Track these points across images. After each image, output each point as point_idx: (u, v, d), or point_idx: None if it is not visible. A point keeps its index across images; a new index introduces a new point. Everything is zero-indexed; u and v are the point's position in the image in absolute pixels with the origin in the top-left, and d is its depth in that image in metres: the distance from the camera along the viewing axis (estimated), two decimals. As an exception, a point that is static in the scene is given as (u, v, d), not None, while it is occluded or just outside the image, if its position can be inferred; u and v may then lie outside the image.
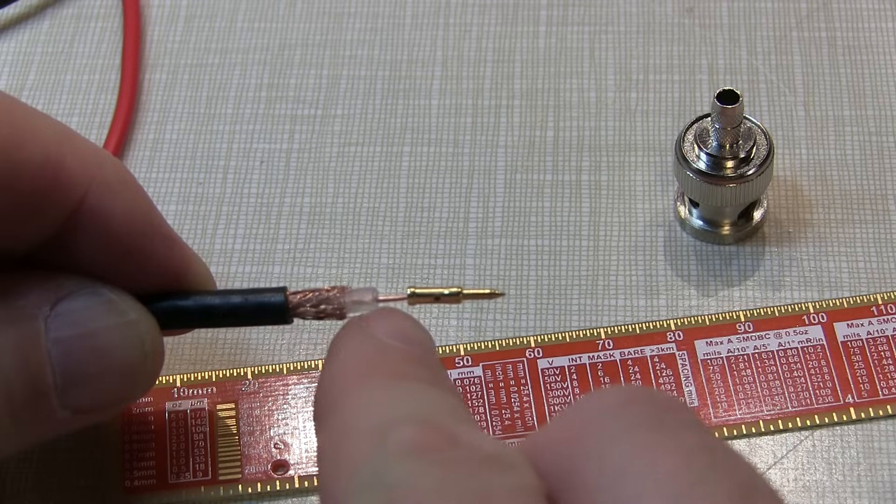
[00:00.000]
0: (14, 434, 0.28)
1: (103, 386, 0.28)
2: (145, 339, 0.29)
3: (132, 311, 0.29)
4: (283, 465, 0.33)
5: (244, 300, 0.30)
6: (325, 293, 0.29)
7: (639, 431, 0.21)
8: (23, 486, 0.33)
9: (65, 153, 0.27)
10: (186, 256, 0.30)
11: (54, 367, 0.27)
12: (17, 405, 0.27)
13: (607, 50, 0.42)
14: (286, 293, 0.29)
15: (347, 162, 0.40)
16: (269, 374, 0.34)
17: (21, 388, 0.27)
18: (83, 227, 0.28)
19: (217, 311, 0.30)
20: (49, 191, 0.27)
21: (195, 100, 0.42)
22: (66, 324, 0.27)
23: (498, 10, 0.43)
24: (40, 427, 0.28)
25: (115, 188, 0.28)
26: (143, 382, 0.30)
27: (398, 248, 0.38)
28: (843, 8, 0.42)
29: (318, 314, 0.29)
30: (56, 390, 0.27)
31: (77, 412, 0.28)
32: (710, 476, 0.20)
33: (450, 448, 0.21)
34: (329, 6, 0.44)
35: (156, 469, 0.33)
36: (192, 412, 0.34)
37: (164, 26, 0.44)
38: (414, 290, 0.29)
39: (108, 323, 0.28)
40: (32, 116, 0.27)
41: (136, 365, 0.29)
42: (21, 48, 0.43)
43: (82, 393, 0.28)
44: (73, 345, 0.28)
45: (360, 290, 0.29)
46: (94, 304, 0.28)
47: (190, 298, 0.30)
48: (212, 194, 0.39)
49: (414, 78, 0.42)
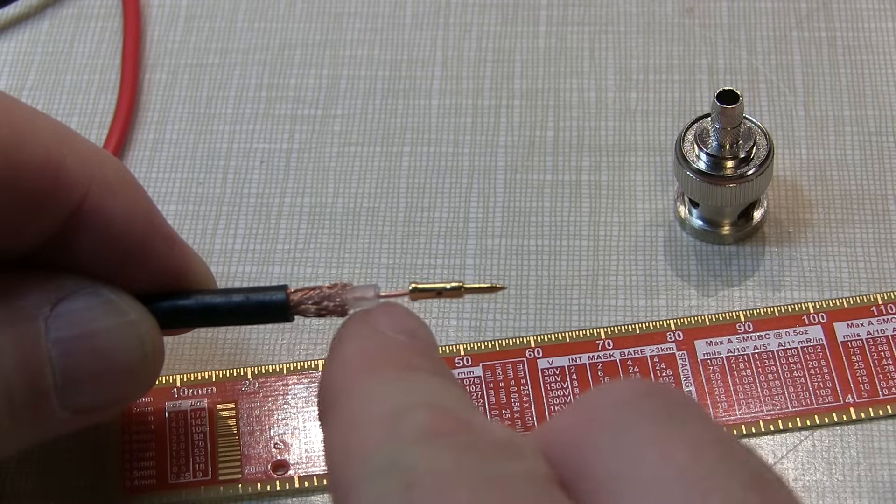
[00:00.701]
0: (14, 434, 0.28)
1: (103, 386, 0.28)
2: (145, 339, 0.29)
3: (132, 311, 0.29)
4: (283, 465, 0.33)
5: (245, 299, 0.30)
6: (326, 290, 0.29)
7: (651, 423, 0.21)
8: (23, 486, 0.33)
9: (65, 153, 0.27)
10: (187, 256, 0.30)
11: (54, 367, 0.27)
12: (16, 405, 0.27)
13: (607, 50, 0.42)
14: (287, 291, 0.29)
15: (347, 162, 0.40)
16: (269, 373, 0.34)
17: (21, 389, 0.27)
18: (84, 227, 0.28)
19: (218, 310, 0.30)
20: (50, 191, 0.27)
21: (195, 100, 0.42)
22: (67, 324, 0.27)
23: (498, 10, 0.43)
24: (40, 427, 0.28)
25: (116, 188, 0.28)
26: (143, 382, 0.30)
27: (398, 248, 0.38)
28: (843, 8, 0.42)
29: (320, 311, 0.29)
30: (56, 390, 0.27)
31: (77, 412, 0.28)
32: (722, 468, 0.20)
33: (464, 433, 0.21)
34: (329, 6, 0.44)
35: (156, 469, 0.33)
36: (192, 412, 0.34)
37: (164, 26, 0.44)
38: (416, 286, 0.29)
39: (108, 323, 0.28)
40: (33, 117, 0.27)
41: (136, 365, 0.29)
42: (21, 48, 0.43)
43: (82, 393, 0.28)
44: (74, 345, 0.28)
45: (361, 287, 0.29)
46: (94, 305, 0.28)
47: (191, 297, 0.30)
48: (212, 194, 0.39)
49: (414, 78, 0.42)
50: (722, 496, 0.19)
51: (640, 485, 0.20)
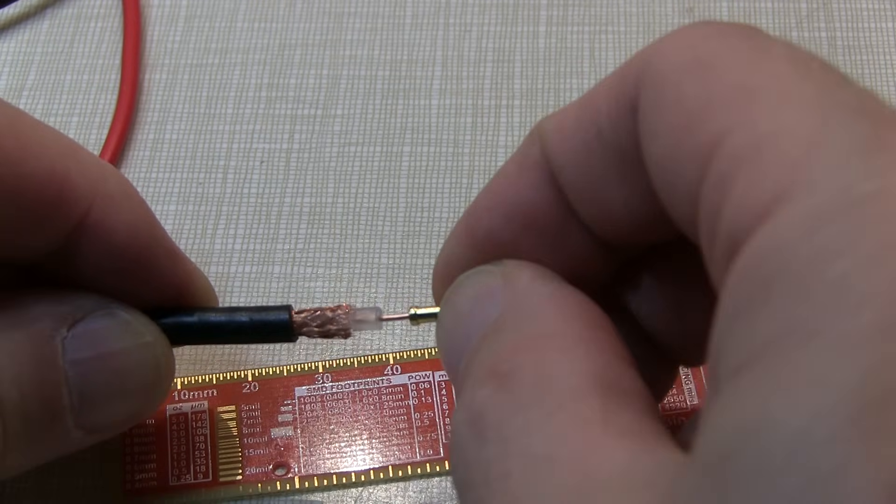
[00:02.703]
0: (28, 453, 0.28)
1: (118, 407, 0.28)
2: (160, 361, 0.29)
3: (148, 332, 0.29)
4: (284, 465, 0.33)
5: (249, 319, 0.30)
6: (329, 313, 0.29)
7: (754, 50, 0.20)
8: (23, 486, 0.33)
9: (70, 166, 0.27)
10: (188, 270, 0.30)
11: (71, 388, 0.27)
12: (32, 425, 0.27)
13: (607, 50, 0.42)
14: (291, 312, 0.29)
15: (347, 162, 0.40)
16: (269, 376, 0.34)
17: (37, 409, 0.27)
18: (88, 240, 0.28)
19: (222, 330, 0.30)
20: (55, 203, 0.27)
21: (195, 100, 0.42)
22: (84, 345, 0.28)
23: (498, 10, 0.43)
24: (53, 446, 0.28)
25: (119, 201, 0.28)
26: (156, 402, 0.30)
27: (398, 248, 0.38)
28: (843, 8, 0.42)
29: (323, 334, 0.29)
30: (72, 411, 0.27)
31: (91, 432, 0.28)
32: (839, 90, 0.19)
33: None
34: (329, 6, 0.44)
35: (157, 471, 0.33)
36: (193, 414, 0.34)
37: (164, 26, 0.44)
38: (416, 311, 0.28)
39: (125, 345, 0.28)
40: (38, 129, 0.27)
41: (151, 386, 0.29)
42: (21, 48, 0.43)
43: (97, 414, 0.28)
44: (91, 366, 0.28)
45: (364, 310, 0.29)
46: (111, 326, 0.28)
47: (195, 316, 0.30)
48: (212, 194, 0.39)
49: (414, 78, 0.42)
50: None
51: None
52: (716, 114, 0.19)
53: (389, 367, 0.34)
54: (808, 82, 0.18)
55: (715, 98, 0.19)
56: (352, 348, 0.35)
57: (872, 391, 0.15)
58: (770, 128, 0.18)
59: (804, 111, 0.18)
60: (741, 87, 0.19)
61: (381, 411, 0.34)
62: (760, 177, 0.17)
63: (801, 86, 0.18)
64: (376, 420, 0.33)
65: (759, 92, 0.19)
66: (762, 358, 0.16)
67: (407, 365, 0.34)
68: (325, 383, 0.34)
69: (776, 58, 0.19)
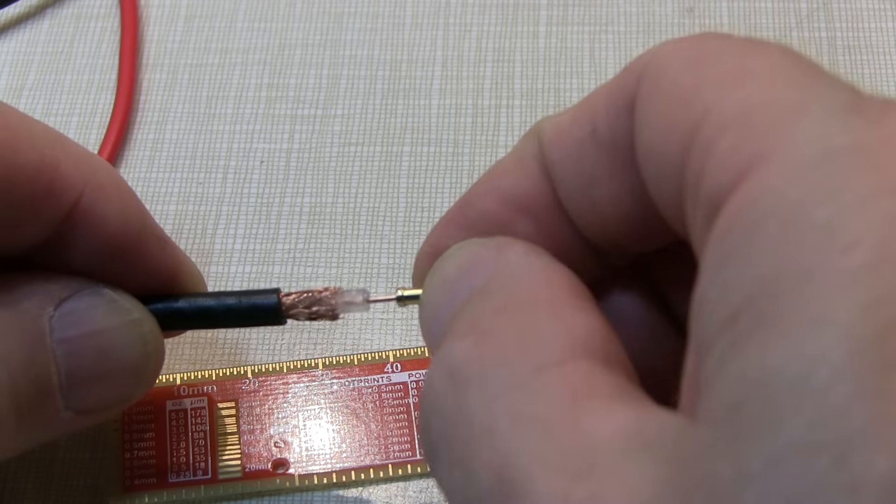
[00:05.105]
0: (18, 435, 0.28)
1: (107, 386, 0.28)
2: (148, 338, 0.29)
3: (135, 310, 0.29)
4: (284, 463, 0.33)
5: (238, 302, 0.30)
6: (316, 295, 0.29)
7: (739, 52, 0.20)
8: (23, 486, 0.33)
9: (59, 157, 0.27)
10: (178, 258, 0.30)
11: (59, 367, 0.27)
12: (22, 406, 0.27)
13: (607, 50, 0.42)
14: (279, 294, 0.29)
15: (347, 162, 0.40)
16: (269, 372, 0.34)
17: (26, 389, 0.27)
18: (78, 229, 0.28)
19: (210, 313, 0.30)
20: (45, 193, 0.27)
21: (195, 100, 0.42)
22: (71, 324, 0.28)
23: (498, 10, 0.43)
24: (44, 428, 0.28)
25: (109, 190, 0.28)
26: (145, 382, 0.30)
27: (398, 248, 0.38)
28: (843, 8, 0.42)
29: (311, 315, 0.29)
30: (61, 391, 0.27)
31: (80, 413, 0.28)
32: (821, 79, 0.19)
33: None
34: (329, 6, 0.44)
35: (156, 468, 0.33)
36: (193, 411, 0.34)
37: (163, 26, 0.44)
38: (402, 293, 0.28)
39: (112, 322, 0.28)
40: (27, 122, 0.27)
41: (139, 364, 0.29)
42: (21, 48, 0.43)
43: (86, 393, 0.28)
44: (78, 344, 0.28)
45: (350, 292, 0.29)
46: (97, 304, 0.28)
47: (184, 300, 0.30)
48: (212, 194, 0.39)
49: (414, 78, 0.42)
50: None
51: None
52: (706, 92, 0.19)
53: (389, 365, 0.34)
54: (797, 68, 0.19)
55: (707, 80, 0.19)
56: (352, 346, 0.35)
57: (870, 327, 0.15)
58: (758, 99, 0.18)
59: (791, 87, 0.18)
60: (733, 70, 0.19)
61: (381, 409, 0.33)
62: (744, 136, 0.18)
63: (791, 70, 0.19)
64: (376, 418, 0.33)
65: (750, 74, 0.19)
66: (754, 303, 0.16)
67: (407, 363, 0.34)
68: (324, 381, 0.34)
69: (770, 50, 0.20)
